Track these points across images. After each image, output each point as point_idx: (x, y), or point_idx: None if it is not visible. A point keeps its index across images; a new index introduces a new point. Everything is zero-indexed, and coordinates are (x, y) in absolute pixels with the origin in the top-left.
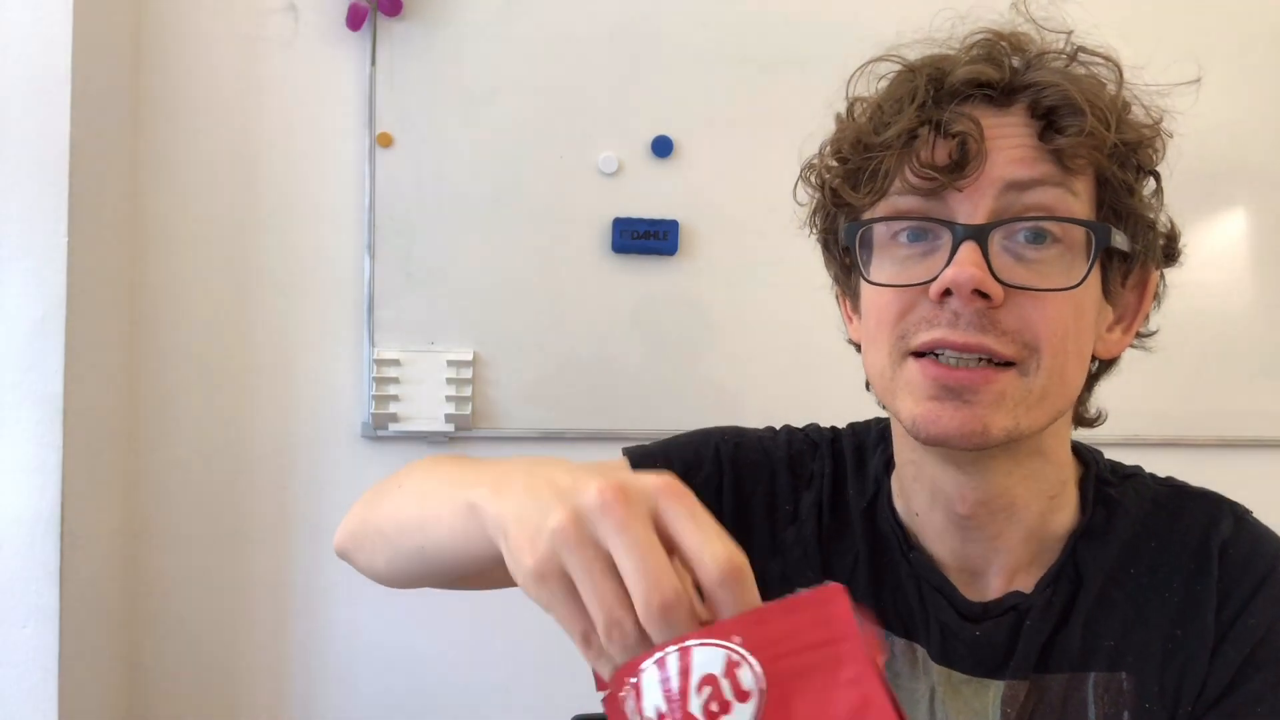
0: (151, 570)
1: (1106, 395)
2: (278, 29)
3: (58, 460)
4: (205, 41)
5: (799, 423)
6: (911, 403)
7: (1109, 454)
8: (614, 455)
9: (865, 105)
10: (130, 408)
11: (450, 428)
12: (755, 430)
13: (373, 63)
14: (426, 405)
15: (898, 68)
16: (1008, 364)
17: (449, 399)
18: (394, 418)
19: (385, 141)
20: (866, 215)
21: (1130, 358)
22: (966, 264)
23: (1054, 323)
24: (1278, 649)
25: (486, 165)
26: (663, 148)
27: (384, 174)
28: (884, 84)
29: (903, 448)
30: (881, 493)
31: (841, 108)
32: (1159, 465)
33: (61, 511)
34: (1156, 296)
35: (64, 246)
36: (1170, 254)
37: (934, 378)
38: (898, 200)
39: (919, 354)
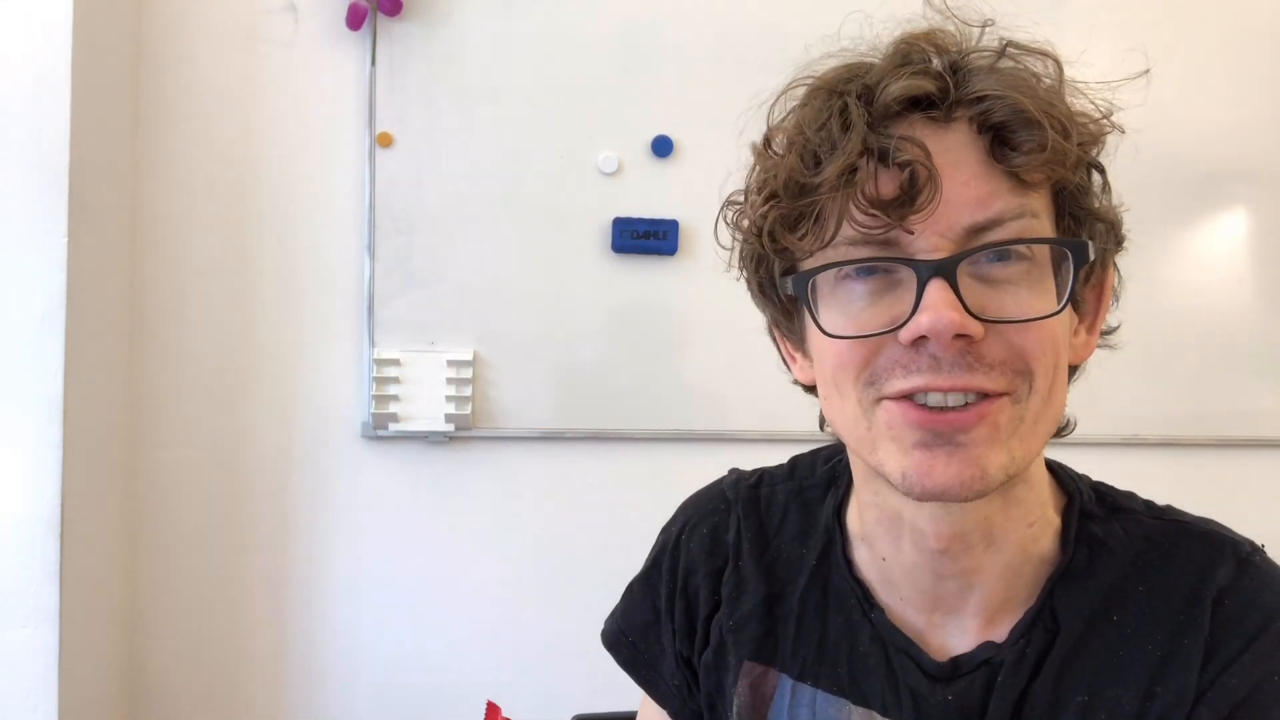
0: (151, 570)
1: (1107, 395)
2: (278, 29)
3: (58, 460)
4: (205, 41)
5: (796, 424)
6: (898, 453)
7: (1108, 454)
8: (613, 454)
9: (785, 134)
10: (130, 408)
11: (450, 428)
12: (672, 527)
13: (373, 63)
14: (426, 405)
15: (813, 86)
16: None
17: (449, 399)
18: (394, 418)
19: (385, 141)
20: (810, 261)
21: (1131, 358)
22: (941, 307)
23: (1042, 343)
24: (1256, 712)
25: (486, 165)
26: (663, 148)
27: (384, 174)
28: (796, 104)
29: (864, 490)
30: (833, 545)
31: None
32: (1159, 465)
33: (61, 511)
34: (1115, 292)
35: (64, 246)
36: (1118, 241)
37: (917, 423)
38: (845, 241)
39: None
